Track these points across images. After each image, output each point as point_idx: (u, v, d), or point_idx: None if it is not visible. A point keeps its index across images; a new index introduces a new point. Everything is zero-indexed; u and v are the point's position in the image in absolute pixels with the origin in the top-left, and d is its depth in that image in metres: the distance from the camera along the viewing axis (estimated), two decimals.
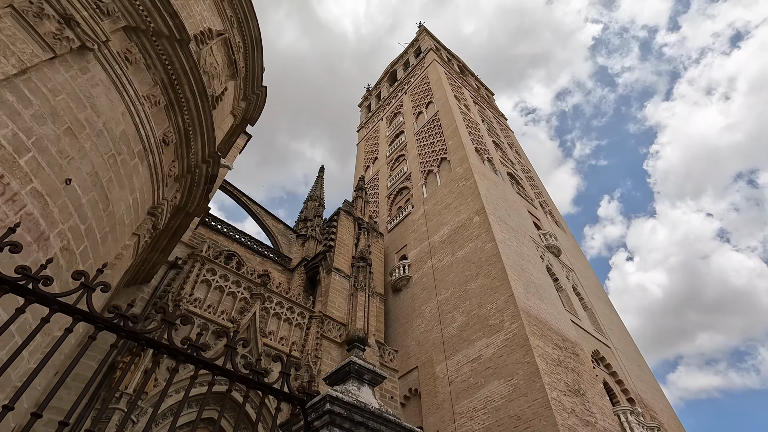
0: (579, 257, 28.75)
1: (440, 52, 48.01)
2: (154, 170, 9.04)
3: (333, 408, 3.21)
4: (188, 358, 2.99)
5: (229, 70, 12.95)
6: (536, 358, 13.99)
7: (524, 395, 13.57)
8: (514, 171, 32.31)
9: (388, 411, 3.66)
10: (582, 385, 15.07)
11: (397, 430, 3.51)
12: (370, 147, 42.95)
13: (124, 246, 8.54)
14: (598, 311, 23.11)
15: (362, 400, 3.51)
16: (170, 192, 10.27)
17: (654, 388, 21.02)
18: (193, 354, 3.02)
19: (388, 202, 31.40)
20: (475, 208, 21.69)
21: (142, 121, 8.39)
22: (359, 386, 3.75)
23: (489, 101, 50.34)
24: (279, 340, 16.18)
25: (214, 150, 10.83)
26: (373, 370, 3.88)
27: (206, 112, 10.12)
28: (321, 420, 3.24)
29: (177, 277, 14.74)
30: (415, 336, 19.78)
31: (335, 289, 20.31)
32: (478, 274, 18.70)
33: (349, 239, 24.06)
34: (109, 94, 7.60)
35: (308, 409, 3.35)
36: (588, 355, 17.68)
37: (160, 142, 9.13)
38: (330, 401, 3.21)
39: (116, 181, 7.72)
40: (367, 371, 3.86)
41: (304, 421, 3.36)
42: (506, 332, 15.58)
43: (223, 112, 13.67)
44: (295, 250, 30.56)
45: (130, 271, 11.20)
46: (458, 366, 16.51)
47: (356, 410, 3.31)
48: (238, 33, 13.90)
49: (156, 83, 8.96)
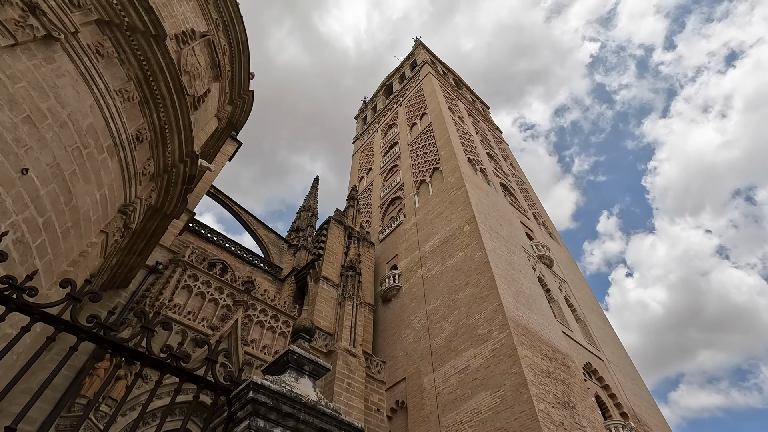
0: (573, 269, 28.44)
1: (435, 66, 48.45)
2: (126, 167, 8.82)
3: (257, 396, 2.92)
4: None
5: (213, 71, 12.86)
6: (524, 369, 13.59)
7: (511, 407, 13.13)
8: (508, 182, 32.22)
9: (328, 404, 3.36)
10: (572, 397, 14.63)
11: (334, 424, 3.21)
12: (365, 158, 42.95)
13: (90, 243, 8.25)
14: (592, 323, 22.71)
15: (297, 391, 3.22)
16: (145, 191, 10.03)
17: (649, 402, 20.49)
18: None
19: (381, 212, 31.19)
20: (466, 217, 21.47)
21: (112, 116, 8.20)
22: (297, 377, 3.46)
23: (484, 114, 50.63)
24: (261, 348, 15.74)
25: (191, 149, 10.64)
26: (314, 361, 3.60)
27: (183, 110, 9.96)
28: (244, 410, 2.95)
29: (157, 282, 14.39)
30: (404, 347, 19.33)
31: (322, 298, 19.92)
32: (467, 283, 18.37)
33: (338, 248, 23.75)
34: (76, 86, 7.43)
35: (232, 399, 3.06)
36: (579, 367, 17.25)
37: (133, 138, 8.93)
38: (254, 389, 2.93)
39: (81, 174, 7.49)
40: (307, 362, 3.57)
41: (227, 412, 3.07)
42: (494, 342, 15.20)
43: (207, 113, 13.54)
44: (287, 260, 30.15)
45: (102, 272, 10.88)
46: (446, 377, 16.06)
47: (285, 400, 3.02)
48: (224, 36, 13.87)
49: (130, 78, 8.81)
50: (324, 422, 3.16)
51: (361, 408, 15.97)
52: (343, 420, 3.25)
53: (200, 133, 13.26)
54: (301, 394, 3.21)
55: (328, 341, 18.08)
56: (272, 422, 2.94)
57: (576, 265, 29.81)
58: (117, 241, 9.45)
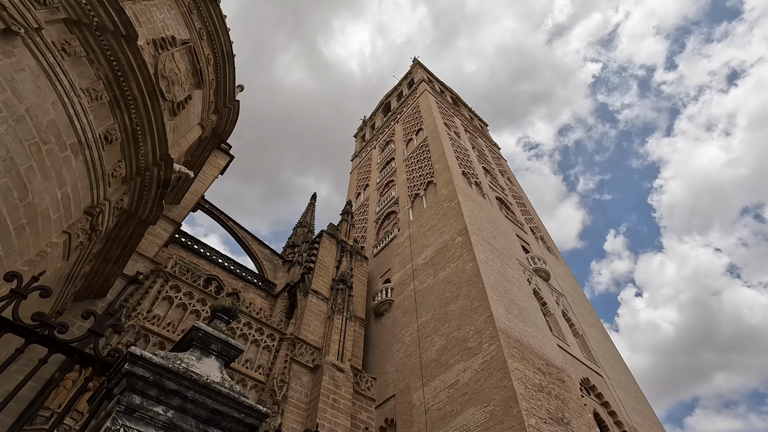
0: (572, 284, 27.79)
1: (432, 84, 48.99)
2: (92, 167, 8.66)
3: (134, 369, 2.59)
4: None
5: (194, 78, 12.87)
6: (514, 382, 12.98)
7: (500, 422, 12.47)
8: (504, 196, 31.94)
9: (233, 387, 3.02)
10: (567, 413, 13.93)
11: (232, 407, 2.86)
12: (362, 175, 42.98)
13: (51, 244, 8.01)
14: (591, 339, 21.97)
15: (194, 370, 2.88)
16: (115, 194, 9.85)
17: (652, 421, 19.56)
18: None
19: (376, 227, 30.91)
20: (458, 229, 21.12)
21: (77, 114, 8.09)
22: (201, 357, 3.12)
23: (482, 131, 50.81)
24: (244, 362, 15.24)
25: (165, 152, 10.50)
26: (224, 341, 3.26)
27: (156, 112, 9.88)
28: (120, 385, 2.61)
29: (136, 293, 14.07)
30: (394, 362, 18.70)
31: (311, 312, 19.45)
32: (458, 295, 17.88)
33: (330, 261, 23.38)
34: (37, 82, 7.34)
35: (111, 375, 2.73)
36: (576, 382, 16.53)
37: (101, 138, 8.80)
38: (131, 360, 2.60)
39: (39, 170, 7.32)
40: (215, 340, 3.24)
41: (105, 390, 2.73)
42: (484, 355, 14.61)
43: (189, 121, 13.50)
44: (281, 276, 29.70)
45: (73, 279, 10.59)
46: (435, 392, 15.42)
47: (170, 375, 2.69)
48: (208, 46, 13.96)
49: (99, 78, 8.74)
50: (219, 403, 2.81)
51: (347, 426, 15.30)
52: (243, 402, 2.90)
53: (181, 140, 13.18)
54: (199, 373, 2.87)
55: (316, 356, 17.51)
56: (152, 399, 2.60)
57: (575, 280, 29.15)
58: (83, 243, 9.20)
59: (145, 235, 16.37)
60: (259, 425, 2.94)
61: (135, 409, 2.52)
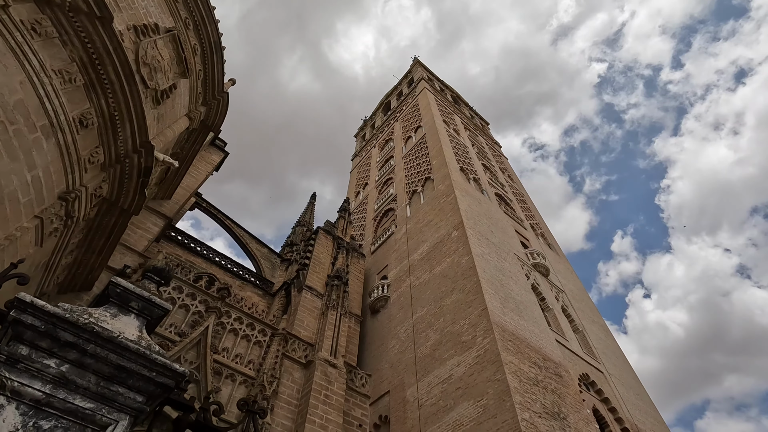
0: (573, 280, 27.33)
1: (432, 82, 48.78)
2: (66, 151, 8.46)
3: (22, 318, 2.32)
4: None
5: (179, 67, 12.68)
6: (507, 375, 12.62)
7: (493, 417, 12.11)
8: (504, 193, 31.56)
9: (151, 346, 2.75)
10: (563, 408, 13.53)
11: (140, 363, 2.58)
12: (362, 174, 42.78)
13: (20, 228, 7.81)
14: (592, 335, 21.51)
15: (102, 324, 2.62)
16: (93, 180, 9.65)
17: (655, 419, 19.06)
18: None
19: (374, 225, 30.64)
20: (454, 223, 20.80)
21: (48, 95, 7.90)
22: (117, 314, 2.86)
23: (483, 129, 50.48)
24: (233, 357, 14.99)
25: (146, 139, 10.30)
26: (146, 298, 2.99)
27: (135, 97, 9.68)
28: (7, 335, 2.34)
29: None
30: (389, 358, 18.38)
31: (305, 308, 19.16)
32: (453, 289, 17.54)
33: (326, 258, 23.12)
34: (3, 60, 7.15)
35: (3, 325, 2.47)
36: (574, 377, 16.11)
37: (75, 121, 8.61)
38: (18, 308, 2.34)
39: (6, 151, 7.12)
40: (136, 298, 2.97)
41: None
42: (478, 348, 14.26)
43: (175, 111, 13.32)
44: (279, 275, 29.44)
45: (53, 269, 10.40)
46: (429, 388, 15.07)
47: (66, 326, 2.42)
48: (194, 35, 13.79)
49: (73, 60, 8.56)
50: (125, 359, 2.53)
51: (339, 422, 14.97)
52: (155, 360, 2.62)
53: (167, 130, 13.01)
54: (107, 327, 2.60)
55: (308, 352, 17.22)
56: (43, 351, 2.33)
57: (576, 277, 28.68)
58: (58, 229, 9.00)
59: (133, 229, 16.24)
60: (174, 386, 2.66)
61: (18, 359, 2.25)
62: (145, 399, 2.58)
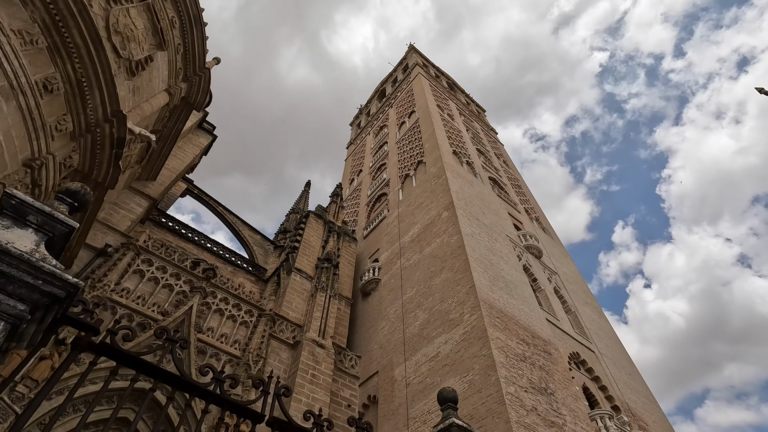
0: (567, 263, 27.15)
1: (427, 68, 48.24)
2: (29, 115, 8.19)
3: None
4: None
5: (155, 39, 12.34)
6: (493, 350, 12.46)
7: (479, 391, 11.97)
8: (498, 177, 31.27)
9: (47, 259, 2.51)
10: (551, 384, 13.39)
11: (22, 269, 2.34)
12: (356, 161, 42.45)
13: None
14: (585, 316, 21.37)
15: None
16: (63, 149, 9.39)
17: (647, 398, 18.97)
18: None
19: (368, 210, 30.40)
20: (444, 204, 20.56)
21: (6, 55, 7.60)
22: (11, 226, 2.61)
23: (479, 116, 50.03)
24: (218, 337, 14.83)
25: (117, 108, 10.02)
26: (47, 213, 2.75)
27: (104, 63, 9.38)
28: None
29: (104, 265, 13.66)
30: (378, 340, 18.24)
31: (294, 290, 19.01)
32: (442, 269, 17.35)
33: (316, 241, 22.92)
34: None
35: None
36: (564, 355, 15.97)
37: (39, 85, 8.32)
38: None
39: None
40: (35, 211, 2.73)
41: None
42: (465, 325, 14.09)
43: (152, 84, 12.99)
44: (272, 262, 29.27)
45: None
46: (417, 366, 14.94)
47: None
48: (172, 7, 13.40)
49: (35, 21, 8.25)
50: (5, 264, 2.30)
51: (326, 401, 14.85)
52: (41, 267, 2.38)
53: (144, 104, 12.70)
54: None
55: (297, 333, 17.08)
56: None
57: (571, 260, 28.50)
58: None
59: (116, 209, 16.01)
60: (64, 295, 2.43)
61: None
62: (28, 308, 2.34)
